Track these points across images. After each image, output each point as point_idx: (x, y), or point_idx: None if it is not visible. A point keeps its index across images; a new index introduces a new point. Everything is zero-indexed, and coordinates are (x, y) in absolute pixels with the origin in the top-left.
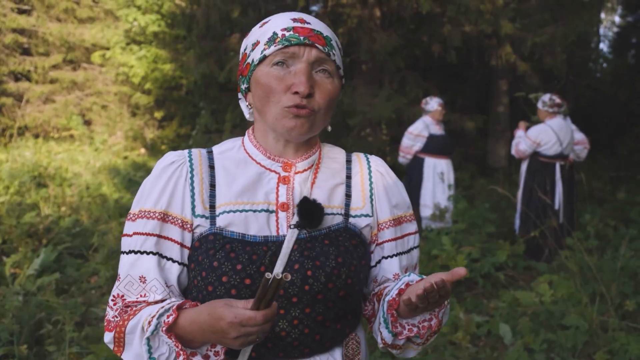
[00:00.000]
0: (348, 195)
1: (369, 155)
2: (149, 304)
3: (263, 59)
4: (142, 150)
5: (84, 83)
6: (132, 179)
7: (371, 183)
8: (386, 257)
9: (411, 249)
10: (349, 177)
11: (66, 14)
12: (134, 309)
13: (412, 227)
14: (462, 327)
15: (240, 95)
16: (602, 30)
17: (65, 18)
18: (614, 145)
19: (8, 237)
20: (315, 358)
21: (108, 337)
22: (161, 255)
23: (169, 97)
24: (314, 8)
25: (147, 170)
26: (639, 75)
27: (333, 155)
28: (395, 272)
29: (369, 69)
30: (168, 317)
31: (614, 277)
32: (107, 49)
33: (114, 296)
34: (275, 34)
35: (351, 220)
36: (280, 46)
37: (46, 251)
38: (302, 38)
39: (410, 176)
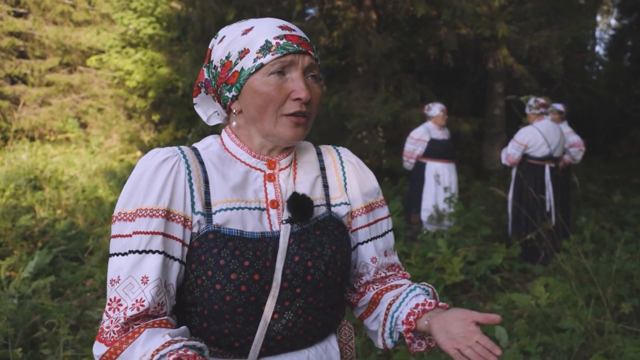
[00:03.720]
0: (326, 186)
1: (337, 147)
2: (145, 323)
3: (260, 67)
4: (139, 153)
5: (80, 86)
6: None
7: (344, 173)
8: (362, 243)
9: (385, 232)
10: (322, 169)
11: (62, 17)
12: (131, 330)
13: (384, 211)
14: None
15: (196, 100)
16: (597, 33)
17: (61, 21)
18: (609, 148)
19: (3, 239)
20: (316, 346)
21: (99, 349)
22: (166, 255)
23: (166, 100)
24: (310, 11)
25: None
26: (634, 78)
27: (305, 149)
28: (372, 256)
29: (365, 72)
30: None
31: (610, 280)
32: (103, 52)
33: (110, 300)
34: (268, 42)
35: (333, 209)
36: (278, 55)
37: (41, 254)
38: (296, 46)
39: (412, 181)
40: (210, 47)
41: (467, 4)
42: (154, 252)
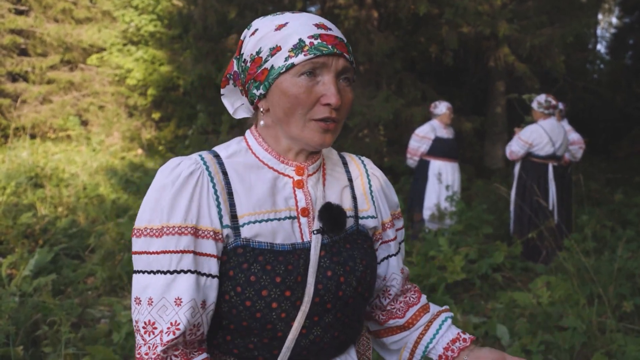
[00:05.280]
0: (354, 197)
1: (361, 158)
2: (184, 345)
3: (291, 67)
4: (139, 151)
5: (81, 83)
6: (129, 180)
7: (370, 186)
8: (393, 255)
9: (401, 242)
10: (350, 180)
11: (64, 14)
12: None
13: (401, 222)
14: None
15: (223, 91)
16: (599, 32)
17: (62, 19)
18: (610, 147)
19: (4, 237)
20: (335, 359)
21: None
22: (199, 273)
23: (166, 97)
24: (312, 9)
25: (144, 171)
26: (635, 77)
27: (332, 156)
28: (401, 267)
29: (366, 70)
30: None
31: (612, 279)
32: (104, 49)
33: (145, 323)
34: (302, 41)
35: (360, 222)
36: (311, 56)
37: (42, 252)
38: (331, 47)
39: (415, 179)
40: (242, 38)
41: (469, 3)
42: (185, 272)
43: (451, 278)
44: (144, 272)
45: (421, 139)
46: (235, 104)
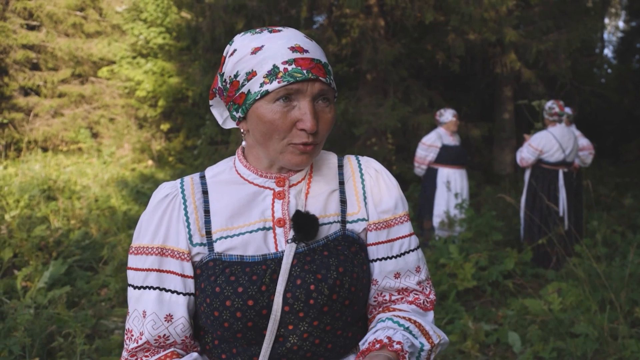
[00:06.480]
0: (343, 202)
1: (359, 157)
2: (154, 355)
3: (265, 94)
4: (150, 162)
5: (92, 96)
6: (140, 191)
7: (364, 186)
8: (371, 261)
9: (402, 253)
10: (342, 183)
11: (74, 29)
12: None
13: (404, 229)
14: (471, 336)
15: (212, 102)
16: (606, 36)
17: (73, 33)
18: (619, 151)
19: (19, 250)
20: None
21: None
22: (164, 289)
23: (176, 109)
24: (318, 19)
25: (155, 182)
26: None
27: (325, 161)
28: (373, 278)
29: (373, 78)
30: None
31: (623, 284)
32: (114, 62)
33: (126, 330)
34: (276, 67)
35: (348, 226)
36: (284, 83)
37: (56, 264)
38: (305, 72)
39: (424, 187)
40: (224, 54)
41: (475, 10)
42: (149, 288)
43: (462, 285)
44: (129, 286)
45: (428, 147)
46: (223, 115)
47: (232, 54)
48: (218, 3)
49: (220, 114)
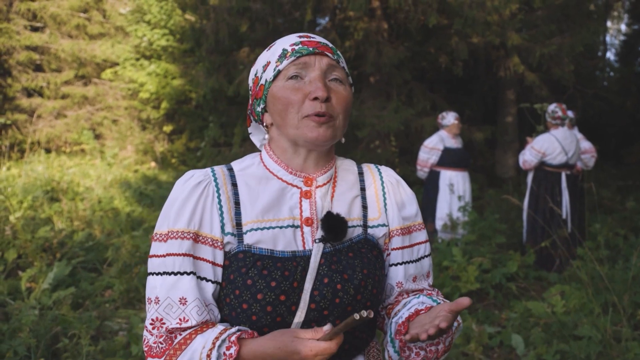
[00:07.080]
0: (364, 207)
1: (379, 166)
2: (194, 329)
3: (277, 74)
4: (153, 164)
5: (95, 98)
6: (143, 192)
7: (384, 193)
8: (393, 265)
9: (420, 258)
10: (363, 189)
11: (77, 30)
12: (181, 337)
13: (422, 236)
14: (474, 338)
15: (250, 129)
16: (608, 39)
17: (76, 34)
18: (621, 154)
19: (23, 251)
20: None
21: None
22: (198, 276)
23: (179, 110)
24: (322, 21)
25: (158, 184)
26: None
27: (347, 167)
28: (398, 280)
29: (376, 81)
30: (228, 348)
31: (626, 287)
32: (117, 64)
33: (152, 320)
34: (284, 50)
35: (369, 231)
36: (292, 58)
37: (60, 265)
38: (311, 48)
39: (427, 189)
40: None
41: (479, 13)
42: (188, 274)
43: (465, 288)
44: (153, 274)
45: (430, 150)
46: (261, 140)
47: (254, 64)
48: (222, 5)
49: (259, 140)
